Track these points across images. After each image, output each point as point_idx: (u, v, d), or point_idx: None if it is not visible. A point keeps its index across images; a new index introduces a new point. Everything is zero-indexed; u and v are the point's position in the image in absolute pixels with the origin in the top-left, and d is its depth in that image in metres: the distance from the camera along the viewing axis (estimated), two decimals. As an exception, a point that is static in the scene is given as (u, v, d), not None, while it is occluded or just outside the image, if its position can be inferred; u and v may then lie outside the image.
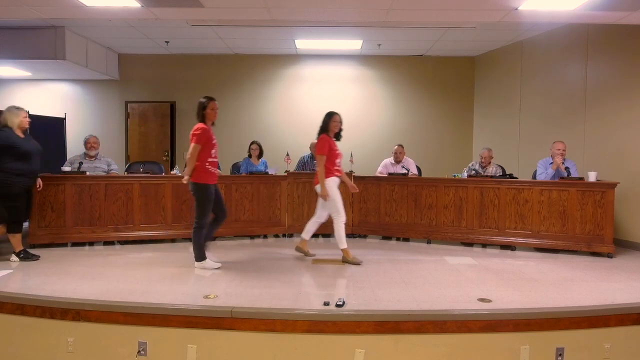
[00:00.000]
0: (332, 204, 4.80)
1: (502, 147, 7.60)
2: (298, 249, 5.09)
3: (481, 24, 6.38)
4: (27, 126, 4.91)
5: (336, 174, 4.87)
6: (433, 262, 4.95)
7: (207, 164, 4.43)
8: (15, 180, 4.70)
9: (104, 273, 4.33)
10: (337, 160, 4.89)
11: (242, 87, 8.81)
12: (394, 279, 4.26)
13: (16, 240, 4.81)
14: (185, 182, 4.46)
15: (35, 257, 4.85)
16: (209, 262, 4.54)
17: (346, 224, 6.17)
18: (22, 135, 4.84)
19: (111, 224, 5.64)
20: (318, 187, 4.85)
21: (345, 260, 4.81)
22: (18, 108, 4.87)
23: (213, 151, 4.47)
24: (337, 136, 4.96)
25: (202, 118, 4.45)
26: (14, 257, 4.80)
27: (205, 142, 4.39)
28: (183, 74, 8.81)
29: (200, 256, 4.52)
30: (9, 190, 4.69)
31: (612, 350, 3.36)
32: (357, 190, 5.38)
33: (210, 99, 4.49)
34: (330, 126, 4.87)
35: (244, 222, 6.08)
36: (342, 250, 4.85)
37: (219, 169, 5.07)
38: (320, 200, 4.94)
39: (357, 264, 4.76)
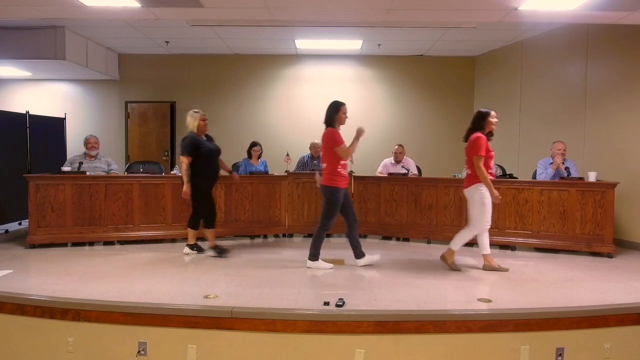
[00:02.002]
0: (481, 212, 4.41)
1: (502, 147, 7.59)
2: (486, 267, 4.61)
3: (481, 24, 6.38)
4: (206, 128, 5.07)
5: (490, 177, 4.45)
6: (433, 262, 4.94)
7: (340, 166, 4.51)
8: (201, 181, 4.89)
9: (104, 273, 4.33)
10: (492, 162, 4.50)
11: (242, 87, 8.81)
12: (394, 279, 4.26)
13: (192, 235, 5.11)
14: (317, 185, 4.63)
15: (202, 250, 5.11)
16: (321, 262, 4.58)
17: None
18: (204, 138, 5.02)
19: (111, 224, 5.63)
20: (467, 192, 4.54)
21: (445, 261, 4.59)
22: (196, 111, 5.01)
23: None
24: (490, 136, 4.55)
25: (333, 122, 4.54)
26: (187, 250, 5.11)
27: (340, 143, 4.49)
28: (183, 74, 8.81)
29: (314, 255, 4.58)
30: (196, 190, 4.88)
31: (612, 350, 3.37)
32: (499, 201, 4.58)
33: (342, 103, 4.57)
34: (487, 124, 4.47)
35: (244, 222, 6.08)
36: (449, 252, 4.58)
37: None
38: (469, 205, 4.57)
39: (457, 270, 4.51)
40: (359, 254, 4.71)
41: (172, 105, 8.85)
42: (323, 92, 8.72)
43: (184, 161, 4.84)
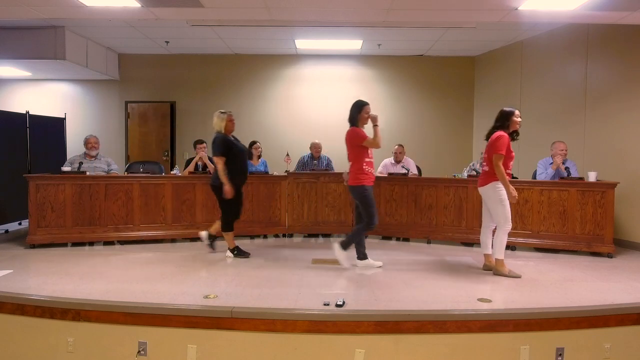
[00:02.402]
0: (502, 209, 4.32)
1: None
2: (486, 267, 4.56)
3: (481, 24, 6.38)
4: (234, 129, 5.06)
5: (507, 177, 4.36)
6: (433, 262, 4.95)
7: (365, 164, 4.52)
8: (232, 180, 4.86)
9: (104, 273, 4.33)
10: (511, 163, 4.41)
11: (242, 87, 8.81)
12: (394, 279, 4.26)
13: (229, 238, 5.05)
14: (345, 184, 4.72)
15: (246, 255, 5.06)
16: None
17: (346, 224, 6.24)
18: (232, 138, 5.03)
19: (111, 224, 5.63)
20: (482, 190, 4.45)
21: (498, 273, 4.36)
22: (223, 112, 5.01)
23: (370, 151, 4.57)
24: (514, 135, 4.46)
25: (356, 122, 4.58)
26: (228, 254, 5.04)
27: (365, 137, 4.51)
28: (183, 74, 8.81)
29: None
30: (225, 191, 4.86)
31: (612, 350, 3.37)
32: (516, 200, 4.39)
33: (366, 103, 4.62)
34: (511, 124, 4.39)
35: (244, 222, 6.05)
36: (496, 260, 4.40)
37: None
38: (485, 206, 4.53)
39: (516, 277, 4.30)
40: (361, 256, 4.71)
41: (172, 105, 8.85)
42: (323, 92, 8.76)
43: (218, 162, 4.84)
